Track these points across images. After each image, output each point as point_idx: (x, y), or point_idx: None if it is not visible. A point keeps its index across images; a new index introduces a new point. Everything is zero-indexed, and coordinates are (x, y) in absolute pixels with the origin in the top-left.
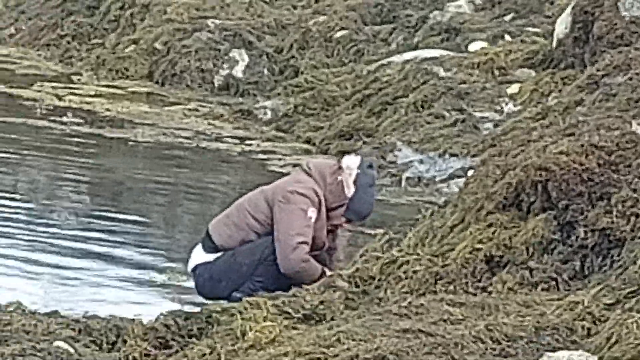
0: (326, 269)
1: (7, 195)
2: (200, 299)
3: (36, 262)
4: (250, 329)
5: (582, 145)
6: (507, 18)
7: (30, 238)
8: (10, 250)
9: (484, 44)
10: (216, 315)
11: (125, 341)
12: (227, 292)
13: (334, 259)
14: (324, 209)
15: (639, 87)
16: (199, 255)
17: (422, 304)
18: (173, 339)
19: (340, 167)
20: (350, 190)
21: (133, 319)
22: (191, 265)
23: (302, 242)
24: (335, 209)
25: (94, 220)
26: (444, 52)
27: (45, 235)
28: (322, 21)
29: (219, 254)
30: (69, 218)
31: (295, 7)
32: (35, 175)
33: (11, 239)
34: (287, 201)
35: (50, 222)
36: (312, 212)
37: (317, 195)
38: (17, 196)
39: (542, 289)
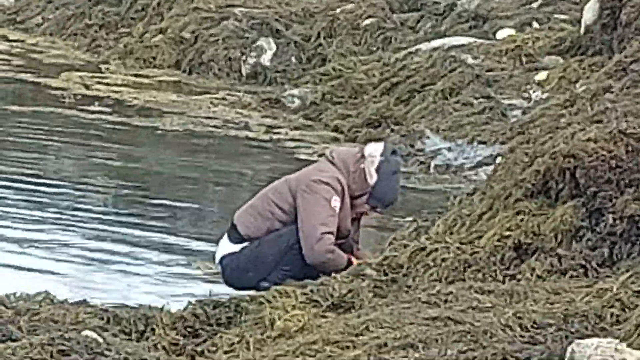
0: (352, 258)
1: (36, 184)
2: (229, 288)
3: (65, 252)
4: (279, 318)
5: (610, 132)
6: (535, 5)
7: (59, 228)
8: (39, 239)
9: (512, 31)
10: (245, 304)
11: (154, 330)
12: (254, 282)
13: (348, 247)
14: (347, 198)
15: None
16: (225, 246)
17: (450, 292)
18: (202, 328)
19: (363, 155)
20: (372, 178)
21: (162, 308)
22: (218, 256)
23: (327, 232)
24: (359, 197)
25: (122, 210)
26: (472, 40)
27: (73, 224)
28: (350, 9)
29: (244, 244)
30: (98, 207)
31: None
32: (64, 164)
33: (40, 230)
34: (310, 190)
35: (79, 211)
36: (335, 201)
37: (341, 184)
38: (46, 186)
39: (571, 276)
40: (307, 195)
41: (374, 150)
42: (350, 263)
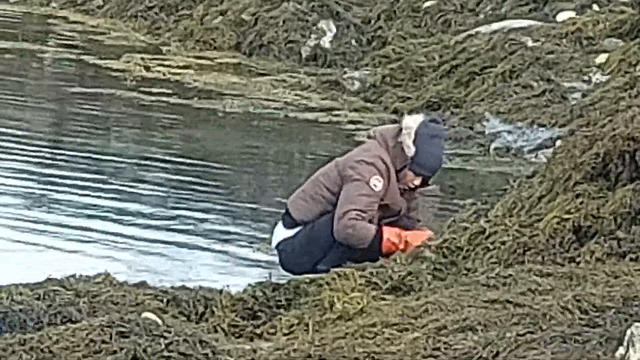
0: (384, 228)
1: (96, 165)
2: (286, 272)
3: (124, 234)
4: (338, 300)
5: None
6: None
7: (119, 209)
8: (99, 222)
9: (572, 14)
10: (304, 286)
11: (213, 312)
12: (310, 265)
13: (412, 221)
14: (393, 174)
15: None
16: (280, 232)
17: (510, 275)
18: (261, 310)
19: (401, 129)
20: (410, 150)
21: (221, 290)
22: (274, 242)
23: (350, 210)
24: (402, 169)
25: (182, 191)
26: (532, 22)
27: (133, 206)
28: None
29: (298, 229)
30: (158, 190)
31: None
32: (124, 147)
33: (99, 212)
34: (352, 171)
35: (139, 192)
36: (376, 181)
37: (384, 162)
38: (106, 167)
39: (630, 259)
40: (347, 177)
41: (411, 122)
42: (380, 234)
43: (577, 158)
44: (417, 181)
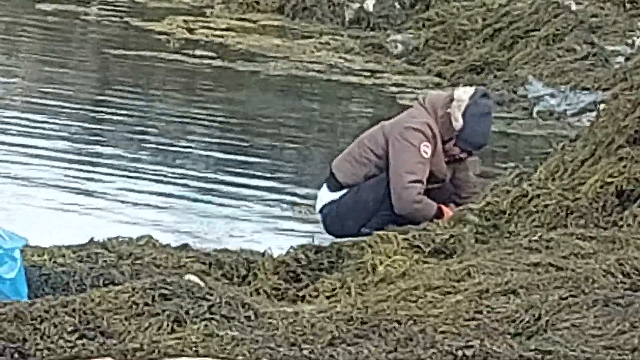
0: (443, 207)
1: (139, 127)
2: (330, 235)
3: (167, 196)
4: (381, 263)
5: None
6: None
7: (162, 172)
8: (142, 184)
9: None
10: (346, 249)
11: (255, 275)
12: (355, 228)
13: (465, 188)
14: (439, 142)
15: None
16: (325, 195)
17: (552, 238)
18: (303, 273)
19: (452, 100)
20: (458, 124)
21: (263, 253)
22: (318, 206)
23: (414, 181)
24: (448, 141)
25: (225, 154)
26: None
27: (176, 169)
28: None
29: (343, 192)
30: (201, 151)
31: None
32: (166, 109)
33: (143, 173)
34: (401, 137)
35: (181, 155)
36: (425, 147)
37: (431, 129)
38: (149, 129)
39: None
40: (397, 142)
41: (463, 94)
42: (441, 212)
43: (620, 121)
44: (463, 155)
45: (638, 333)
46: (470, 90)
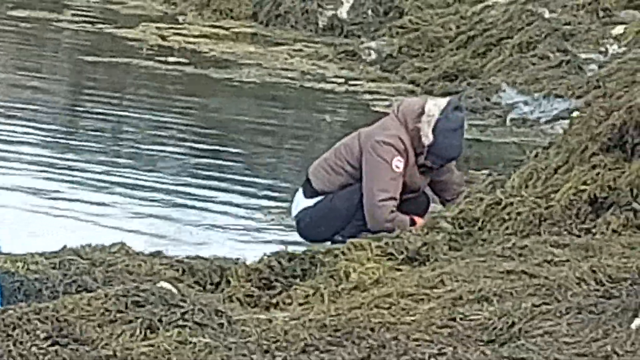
0: (416, 218)
1: (112, 136)
2: (304, 241)
3: (140, 203)
4: (354, 270)
5: None
6: None
7: (135, 179)
8: (115, 192)
9: None
10: (320, 256)
11: (228, 282)
12: (328, 235)
13: (451, 190)
14: (412, 154)
15: None
16: (301, 201)
17: (525, 246)
18: (276, 280)
19: (422, 113)
20: (428, 139)
21: (237, 260)
22: (293, 211)
23: (386, 199)
24: (420, 154)
25: (199, 161)
26: None
27: (149, 176)
28: None
29: (319, 199)
30: (174, 158)
31: None
32: (140, 116)
33: (116, 181)
34: (373, 152)
35: (155, 162)
36: (397, 161)
37: (403, 142)
38: (122, 136)
39: None
40: (369, 157)
41: (433, 107)
42: (413, 223)
43: (593, 129)
44: (435, 166)
45: (611, 340)
46: (443, 102)
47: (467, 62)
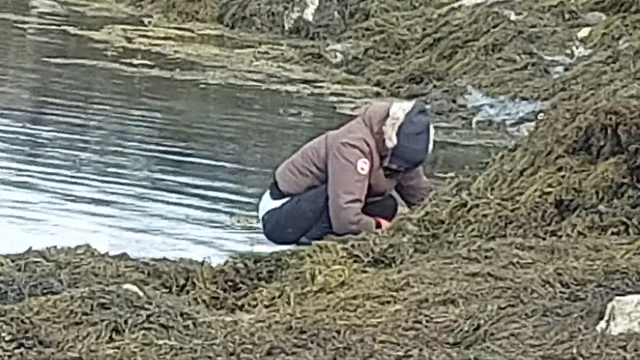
0: (381, 220)
1: (77, 137)
2: (270, 243)
3: (106, 205)
4: (320, 272)
5: None
6: None
7: (100, 181)
8: (81, 193)
9: None
10: (286, 259)
11: (194, 284)
12: (295, 237)
13: (418, 193)
14: (377, 157)
15: None
16: (267, 202)
17: (491, 248)
18: (242, 282)
19: (387, 115)
20: (392, 142)
21: (202, 262)
22: (260, 212)
23: (351, 201)
24: (385, 157)
25: (164, 163)
26: None
27: (115, 177)
28: None
29: (285, 200)
30: (139, 160)
31: None
32: (105, 118)
33: (81, 182)
34: (338, 154)
35: (121, 164)
36: (362, 163)
37: (368, 145)
38: (87, 138)
39: (612, 233)
40: (335, 160)
41: (398, 110)
42: (379, 226)
43: (559, 131)
44: (401, 169)
45: (576, 343)
46: (408, 106)
47: (433, 65)
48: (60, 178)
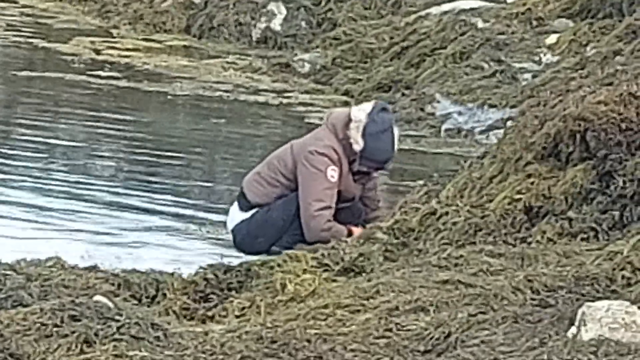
0: (352, 228)
1: (46, 149)
2: (240, 253)
3: (75, 217)
4: (290, 282)
5: (621, 95)
6: None
7: (69, 193)
8: (50, 205)
9: None
10: (256, 269)
11: (165, 295)
12: (265, 247)
13: (371, 205)
14: (345, 163)
15: None
16: (236, 214)
17: (461, 255)
18: (213, 293)
19: (350, 120)
20: (358, 145)
21: (172, 273)
22: (229, 224)
23: (322, 209)
24: (354, 161)
25: (133, 174)
26: (482, 3)
27: (84, 189)
28: None
29: (254, 211)
30: (108, 172)
31: None
32: (73, 130)
33: (50, 194)
34: (307, 163)
35: (89, 176)
36: (331, 171)
37: (336, 152)
38: (56, 151)
39: (582, 239)
40: (304, 169)
41: (359, 112)
42: (350, 234)
43: (527, 138)
44: (371, 169)
45: (547, 349)
46: (368, 106)
47: (401, 73)
48: (28, 190)
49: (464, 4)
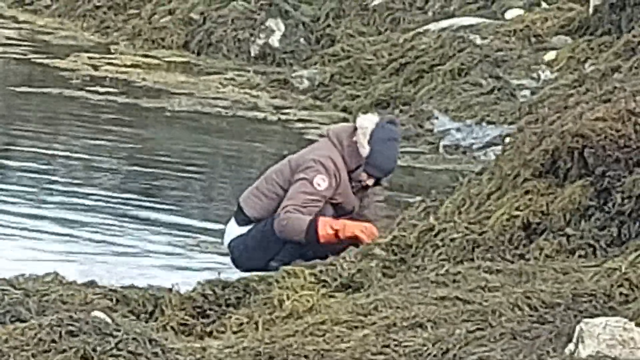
0: (320, 218)
1: (45, 166)
2: (238, 269)
3: (73, 233)
4: (288, 298)
5: (619, 112)
6: None
7: (67, 209)
8: (48, 221)
9: (521, 11)
10: (254, 284)
11: (162, 311)
12: (262, 262)
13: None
14: (344, 174)
15: None
16: (233, 229)
17: (459, 272)
18: (210, 309)
19: (356, 129)
20: (365, 150)
21: (170, 289)
22: (226, 239)
23: (287, 206)
24: (357, 169)
25: (131, 191)
26: (481, 20)
27: (82, 206)
28: None
29: (251, 226)
30: (107, 188)
31: None
32: (72, 146)
33: (50, 211)
34: (301, 170)
35: (88, 193)
36: (320, 180)
37: (333, 162)
38: (54, 167)
39: (580, 256)
40: (297, 175)
41: (366, 121)
42: (315, 224)
43: (526, 155)
44: (370, 181)
45: None
46: (374, 117)
47: (400, 90)
48: (27, 206)
49: (462, 21)
